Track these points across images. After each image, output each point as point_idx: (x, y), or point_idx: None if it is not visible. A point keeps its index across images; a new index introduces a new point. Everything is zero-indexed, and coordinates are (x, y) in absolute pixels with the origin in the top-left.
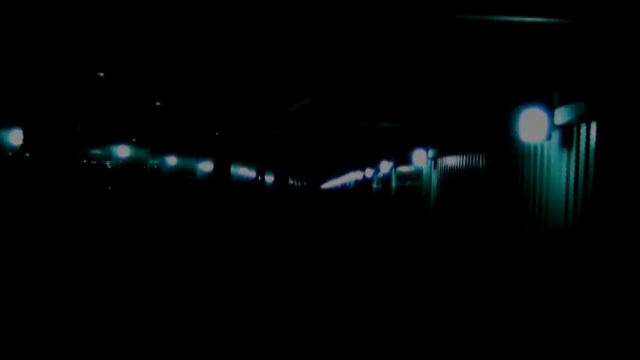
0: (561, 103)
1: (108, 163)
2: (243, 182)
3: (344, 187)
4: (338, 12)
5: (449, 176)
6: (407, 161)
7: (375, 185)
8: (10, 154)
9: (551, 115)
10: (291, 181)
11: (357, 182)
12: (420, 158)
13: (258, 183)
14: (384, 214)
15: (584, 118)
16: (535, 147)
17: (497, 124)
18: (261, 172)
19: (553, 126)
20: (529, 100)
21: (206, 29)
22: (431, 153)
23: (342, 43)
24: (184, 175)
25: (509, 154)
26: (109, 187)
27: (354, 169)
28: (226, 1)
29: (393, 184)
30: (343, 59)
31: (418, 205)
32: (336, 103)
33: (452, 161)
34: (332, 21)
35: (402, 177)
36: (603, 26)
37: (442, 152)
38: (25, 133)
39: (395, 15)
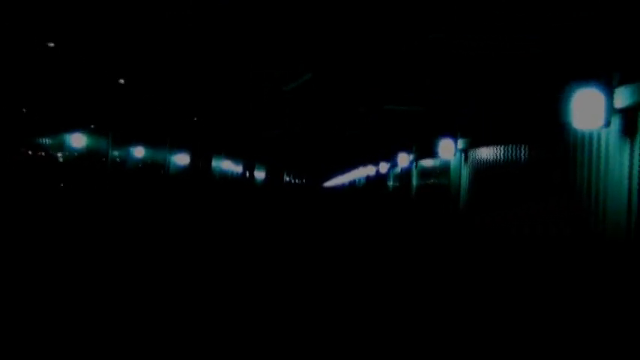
0: (622, 83)
1: (60, 154)
2: (227, 178)
3: (352, 184)
4: None
5: (483, 171)
6: (431, 153)
7: (391, 183)
8: None
9: (610, 97)
10: (286, 178)
11: (368, 179)
12: (448, 149)
13: (246, 180)
14: (404, 218)
15: None
16: (590, 135)
17: (544, 109)
18: (249, 167)
19: (612, 110)
20: (583, 79)
21: None
22: (461, 143)
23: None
24: (154, 169)
25: (559, 145)
26: (61, 185)
27: (364, 163)
28: None
29: (414, 181)
30: (352, 22)
31: (444, 206)
32: (342, 80)
33: (486, 153)
34: None
35: (424, 172)
36: None
37: (474, 142)
38: None
39: None
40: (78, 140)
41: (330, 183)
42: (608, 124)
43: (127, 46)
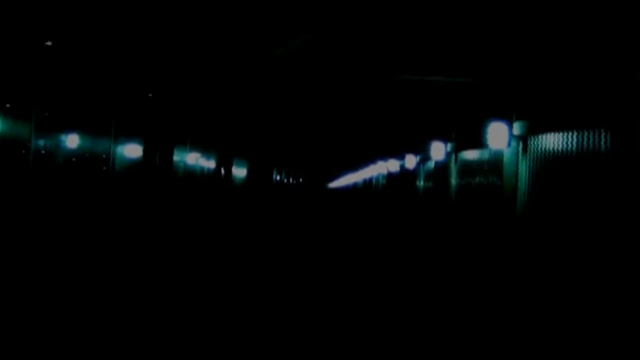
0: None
1: None
2: (195, 177)
3: (367, 184)
4: None
5: (549, 164)
6: (476, 142)
7: (421, 183)
8: None
9: None
10: (277, 177)
11: (390, 177)
12: (499, 136)
13: (221, 179)
14: (443, 230)
15: None
16: None
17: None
18: (224, 162)
19: None
20: None
21: None
22: (517, 128)
23: None
24: (94, 164)
25: None
26: None
27: (384, 156)
28: None
29: (453, 179)
30: None
31: (496, 212)
32: (350, 43)
33: (554, 141)
34: None
35: (467, 168)
36: None
37: (537, 126)
38: None
39: None
40: None
41: (337, 183)
42: None
43: None
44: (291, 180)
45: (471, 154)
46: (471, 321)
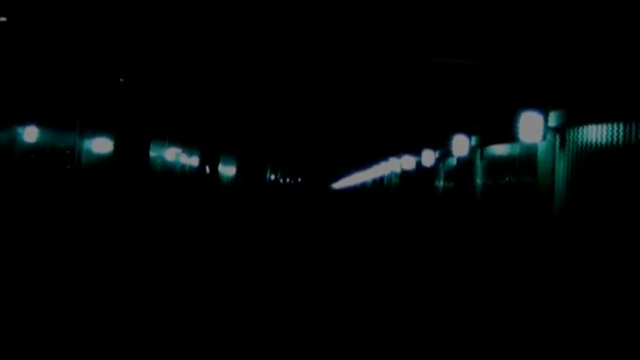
0: None
1: None
2: (175, 175)
3: (378, 184)
4: None
5: (592, 160)
6: (505, 135)
7: (441, 183)
8: None
9: None
10: (271, 176)
11: (404, 176)
12: (532, 128)
13: (205, 178)
14: (468, 236)
15: None
16: None
17: None
18: (210, 159)
19: None
20: None
21: None
22: (553, 119)
23: None
24: (57, 160)
25: None
26: None
27: (397, 152)
28: None
29: (478, 178)
30: None
31: (528, 213)
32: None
33: (598, 134)
34: None
35: (494, 165)
36: None
37: (577, 117)
38: None
39: None
40: None
41: (342, 184)
42: None
43: None
44: (288, 180)
45: (498, 149)
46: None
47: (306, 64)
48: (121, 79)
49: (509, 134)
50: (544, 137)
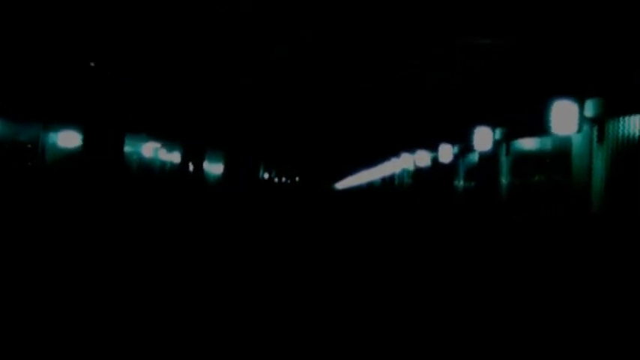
0: None
1: None
2: (153, 173)
3: (389, 183)
4: None
5: (636, 157)
6: (534, 127)
7: (461, 182)
8: None
9: None
10: (265, 174)
11: (418, 174)
12: (565, 120)
13: (189, 177)
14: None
15: None
16: None
17: None
18: (194, 155)
19: None
20: None
21: None
22: (590, 109)
23: None
24: (18, 156)
25: None
26: None
27: (409, 147)
28: None
29: (503, 176)
30: None
31: (563, 215)
32: None
33: None
34: None
35: (522, 161)
36: None
37: (617, 107)
38: None
39: None
40: None
41: (346, 183)
42: None
43: None
44: (284, 179)
45: (526, 144)
46: None
47: (309, 50)
48: (92, 63)
49: (539, 126)
50: (579, 129)
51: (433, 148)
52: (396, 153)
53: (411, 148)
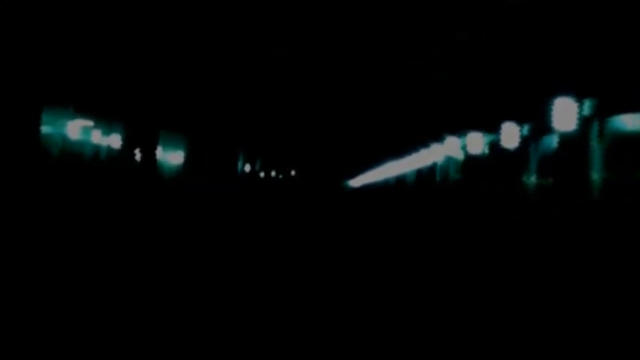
0: None
1: None
2: (83, 160)
3: (426, 175)
4: None
5: None
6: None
7: (532, 178)
8: None
9: None
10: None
11: (469, 161)
12: None
13: (135, 167)
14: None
15: None
16: None
17: None
18: (145, 138)
19: None
20: None
21: None
22: None
23: None
24: None
25: None
26: None
27: (457, 129)
28: None
29: (596, 169)
30: None
31: None
32: None
33: None
34: None
35: (622, 146)
36: None
37: None
38: None
39: None
40: None
41: (364, 179)
42: None
43: None
44: (279, 175)
45: (628, 121)
46: None
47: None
48: None
49: None
50: None
51: (492, 128)
52: (436, 138)
53: (458, 131)
